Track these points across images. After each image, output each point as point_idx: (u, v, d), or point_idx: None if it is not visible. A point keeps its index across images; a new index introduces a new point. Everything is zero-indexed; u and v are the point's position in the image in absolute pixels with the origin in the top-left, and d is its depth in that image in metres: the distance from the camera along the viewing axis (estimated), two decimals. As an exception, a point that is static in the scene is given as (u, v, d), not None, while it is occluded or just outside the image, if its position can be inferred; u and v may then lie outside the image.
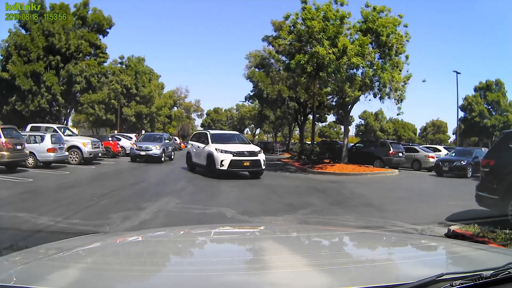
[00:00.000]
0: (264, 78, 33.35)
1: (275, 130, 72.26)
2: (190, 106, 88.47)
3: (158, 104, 60.92)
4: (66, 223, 7.47)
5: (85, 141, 22.93)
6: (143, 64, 59.44)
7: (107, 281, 1.68)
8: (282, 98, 33.13)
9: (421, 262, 2.09)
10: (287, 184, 16.21)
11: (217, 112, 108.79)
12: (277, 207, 10.33)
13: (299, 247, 2.57)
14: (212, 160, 16.46)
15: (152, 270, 1.93)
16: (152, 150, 24.64)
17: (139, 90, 56.13)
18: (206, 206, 9.83)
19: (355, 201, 11.98)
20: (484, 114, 57.82)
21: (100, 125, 60.35)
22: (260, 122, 62.20)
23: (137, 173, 19.50)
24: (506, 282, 1.58)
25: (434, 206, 11.31)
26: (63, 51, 34.69)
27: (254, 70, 34.90)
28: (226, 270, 1.85)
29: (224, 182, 15.21)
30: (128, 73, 55.74)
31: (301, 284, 1.64)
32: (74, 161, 22.17)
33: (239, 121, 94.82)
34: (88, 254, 2.25)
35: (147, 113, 57.59)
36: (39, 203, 9.65)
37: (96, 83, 38.69)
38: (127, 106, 56.08)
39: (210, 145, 17.08)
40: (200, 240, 2.87)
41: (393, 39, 21.87)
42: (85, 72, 35.97)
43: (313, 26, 20.19)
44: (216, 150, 16.49)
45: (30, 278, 1.67)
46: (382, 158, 25.55)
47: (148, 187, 13.81)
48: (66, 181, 14.60)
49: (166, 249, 2.52)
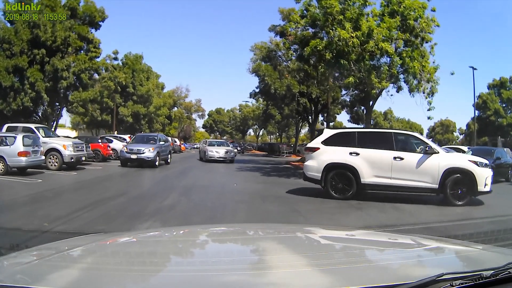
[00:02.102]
0: (271, 72, 29.71)
1: (281, 131, 68.64)
2: (191, 106, 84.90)
3: (157, 103, 57.63)
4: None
5: (65, 143, 19.72)
6: (140, 62, 56.38)
7: (107, 281, 1.68)
8: (292, 93, 29.41)
9: (421, 262, 2.14)
10: (310, 199, 12.92)
11: (219, 113, 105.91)
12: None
13: (299, 247, 2.56)
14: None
15: (152, 270, 1.93)
16: (144, 153, 21.41)
17: (136, 89, 53.02)
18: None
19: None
20: (499, 112, 54.72)
21: (96, 126, 57.31)
22: (264, 122, 58.79)
23: (123, 181, 16.27)
24: (506, 282, 1.57)
25: None
26: (49, 44, 31.53)
27: (260, 63, 31.18)
28: (226, 270, 1.84)
29: (230, 198, 12.04)
30: (124, 71, 52.75)
31: (301, 284, 1.64)
32: (54, 166, 19.03)
33: (242, 122, 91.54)
34: (88, 254, 2.25)
35: (145, 113, 54.35)
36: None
37: (87, 80, 35.70)
38: (124, 105, 53.00)
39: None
40: (200, 240, 2.87)
41: (421, 23, 18.67)
42: (73, 67, 32.81)
43: (332, 5, 16.95)
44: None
45: (30, 278, 1.68)
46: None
47: (127, 204, 10.22)
48: (29, 194, 11.58)
49: (166, 249, 2.53)
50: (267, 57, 31.61)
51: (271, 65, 30.63)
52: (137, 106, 53.01)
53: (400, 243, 2.73)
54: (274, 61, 31.45)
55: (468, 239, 5.52)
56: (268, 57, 31.67)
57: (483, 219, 9.11)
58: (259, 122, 70.01)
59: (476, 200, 11.09)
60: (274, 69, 30.27)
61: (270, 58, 31.59)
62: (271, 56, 31.60)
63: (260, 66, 30.36)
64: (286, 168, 25.87)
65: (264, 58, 31.46)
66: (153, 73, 61.46)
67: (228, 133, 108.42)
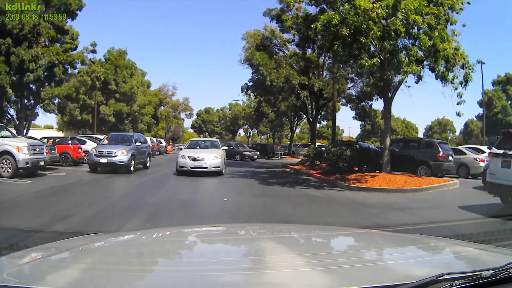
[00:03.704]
0: (267, 61, 25.60)
1: (273, 131, 64.67)
2: (178, 104, 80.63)
3: (141, 102, 53.71)
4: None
5: (20, 144, 16.02)
6: (124, 58, 52.59)
7: (107, 281, 1.66)
8: (291, 86, 25.49)
9: (421, 262, 2.10)
10: (328, 218, 9.42)
11: (209, 113, 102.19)
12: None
13: (299, 247, 2.57)
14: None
15: (152, 270, 1.94)
16: (116, 156, 17.67)
17: (119, 86, 49.22)
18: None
19: None
20: (507, 110, 51.93)
21: (76, 126, 53.36)
22: (257, 121, 55.01)
23: (79, 194, 12.21)
24: (506, 282, 1.57)
25: None
26: (16, 32, 27.72)
27: (254, 51, 27.16)
28: (226, 270, 1.84)
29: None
30: (107, 67, 49.01)
31: (301, 284, 1.64)
32: (7, 173, 15.36)
33: (232, 122, 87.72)
34: (88, 254, 2.25)
35: (128, 112, 50.48)
36: None
37: (61, 74, 31.98)
38: (106, 104, 49.17)
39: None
40: (200, 240, 2.86)
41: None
42: (43, 59, 29.01)
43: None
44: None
45: (30, 278, 1.70)
46: (430, 164, 18.98)
47: (58, 238, 6.76)
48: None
49: (165, 249, 2.53)
50: (261, 45, 27.59)
51: (266, 53, 26.83)
52: (120, 105, 49.21)
53: (400, 243, 2.71)
54: (270, 50, 27.64)
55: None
56: (263, 45, 27.66)
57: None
58: (251, 122, 65.97)
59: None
60: (270, 58, 26.45)
61: (265, 47, 27.59)
62: (266, 44, 27.76)
63: (254, 54, 26.28)
64: (285, 173, 22.28)
65: (258, 47, 27.51)
66: (138, 69, 57.68)
67: (218, 133, 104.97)
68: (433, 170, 18.95)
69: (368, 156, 18.48)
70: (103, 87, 48.63)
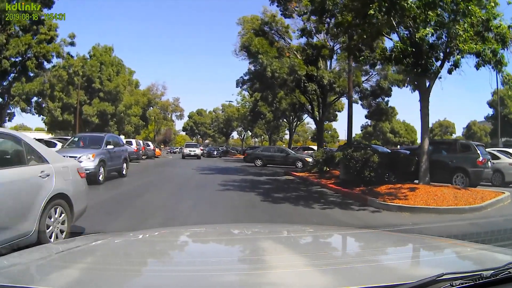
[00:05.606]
0: (267, 48, 21.77)
1: (270, 132, 60.75)
2: (168, 105, 76.59)
3: (127, 101, 49.85)
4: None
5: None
6: (110, 54, 48.81)
7: (107, 281, 1.63)
8: (297, 78, 21.65)
9: (421, 262, 2.13)
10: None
11: (201, 114, 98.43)
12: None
13: (299, 247, 2.54)
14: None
15: (152, 270, 1.91)
16: (81, 163, 13.99)
17: (104, 84, 45.40)
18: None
19: None
20: (519, 110, 49.04)
21: (58, 127, 49.45)
22: (252, 122, 51.28)
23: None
24: (506, 282, 1.55)
25: None
26: (-23, 19, 24.07)
27: (252, 35, 23.21)
28: (226, 270, 1.81)
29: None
30: (91, 63, 45.20)
31: (301, 284, 1.62)
32: None
33: (226, 124, 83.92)
34: (88, 254, 2.21)
35: (113, 112, 46.62)
36: None
37: (34, 68, 28.29)
38: (89, 103, 45.31)
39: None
40: (200, 240, 2.82)
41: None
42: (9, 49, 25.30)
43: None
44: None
45: (30, 278, 1.67)
46: (468, 171, 15.68)
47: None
48: None
49: (166, 249, 2.49)
50: (260, 31, 23.68)
51: (266, 39, 22.94)
52: (104, 104, 45.39)
53: (400, 243, 2.69)
54: (270, 37, 23.71)
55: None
56: (262, 31, 23.81)
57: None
58: (245, 123, 62.09)
59: None
60: (270, 45, 22.54)
61: (264, 33, 23.65)
62: (265, 31, 23.95)
63: (252, 39, 22.29)
64: (290, 182, 18.40)
65: (256, 32, 23.52)
66: (125, 67, 53.84)
67: (210, 136, 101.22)
68: (471, 179, 15.63)
69: (396, 162, 14.86)
70: (87, 85, 44.84)
